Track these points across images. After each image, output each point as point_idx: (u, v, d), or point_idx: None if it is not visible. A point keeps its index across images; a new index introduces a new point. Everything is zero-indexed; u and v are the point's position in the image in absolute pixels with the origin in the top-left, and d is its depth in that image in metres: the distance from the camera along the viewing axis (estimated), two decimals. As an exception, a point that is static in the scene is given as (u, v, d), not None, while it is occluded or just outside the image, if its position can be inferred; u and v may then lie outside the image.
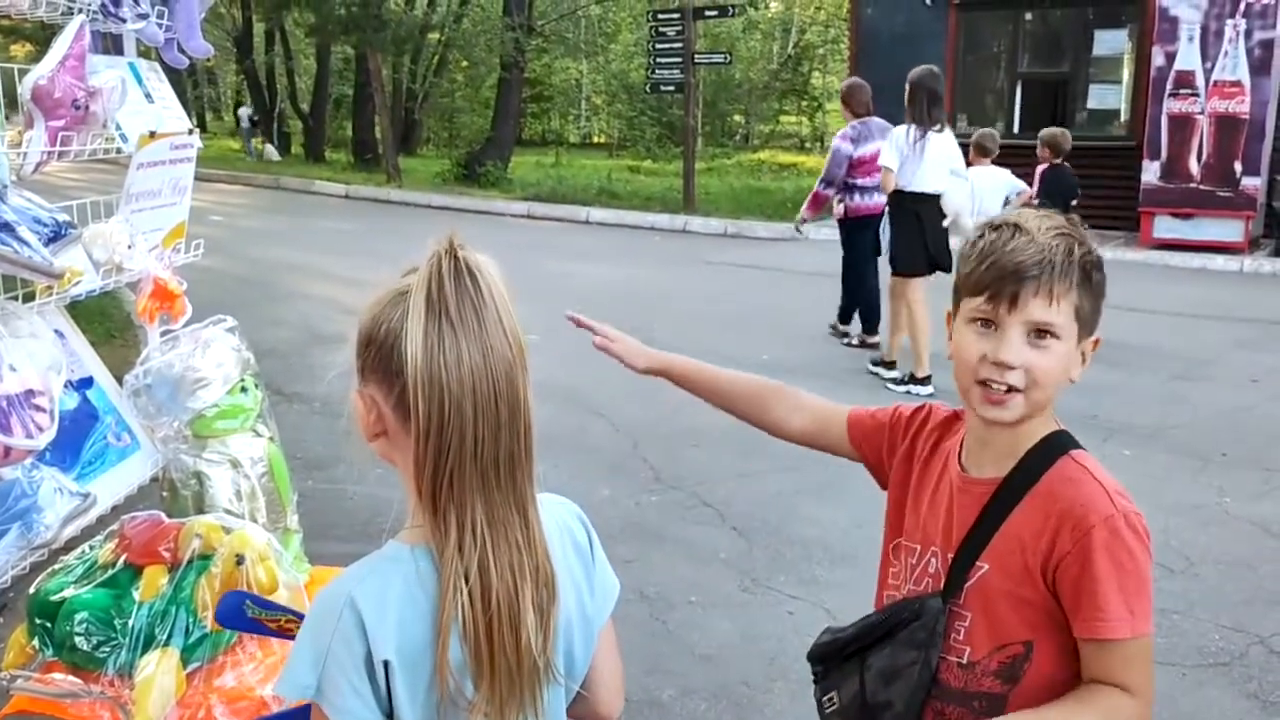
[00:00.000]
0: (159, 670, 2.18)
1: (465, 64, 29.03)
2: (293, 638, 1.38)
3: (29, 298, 2.15)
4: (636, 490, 4.77)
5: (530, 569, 1.20)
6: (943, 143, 6.36)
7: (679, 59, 15.08)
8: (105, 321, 6.96)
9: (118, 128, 2.48)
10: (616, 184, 19.12)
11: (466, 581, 1.16)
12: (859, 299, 7.68)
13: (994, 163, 7.46)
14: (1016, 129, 14.23)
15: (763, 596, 3.76)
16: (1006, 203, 7.39)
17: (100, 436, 2.49)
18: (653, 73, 15.65)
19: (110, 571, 2.34)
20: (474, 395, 1.15)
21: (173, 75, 3.19)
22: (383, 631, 1.15)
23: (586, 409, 5.87)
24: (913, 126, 6.34)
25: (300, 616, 1.46)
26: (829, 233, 7.97)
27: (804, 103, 35.47)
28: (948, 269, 6.37)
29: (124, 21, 2.43)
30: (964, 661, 1.42)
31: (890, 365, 6.69)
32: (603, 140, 37.49)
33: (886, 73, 14.24)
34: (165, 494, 2.63)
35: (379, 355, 1.19)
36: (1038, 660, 1.38)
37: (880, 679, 1.46)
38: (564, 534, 1.31)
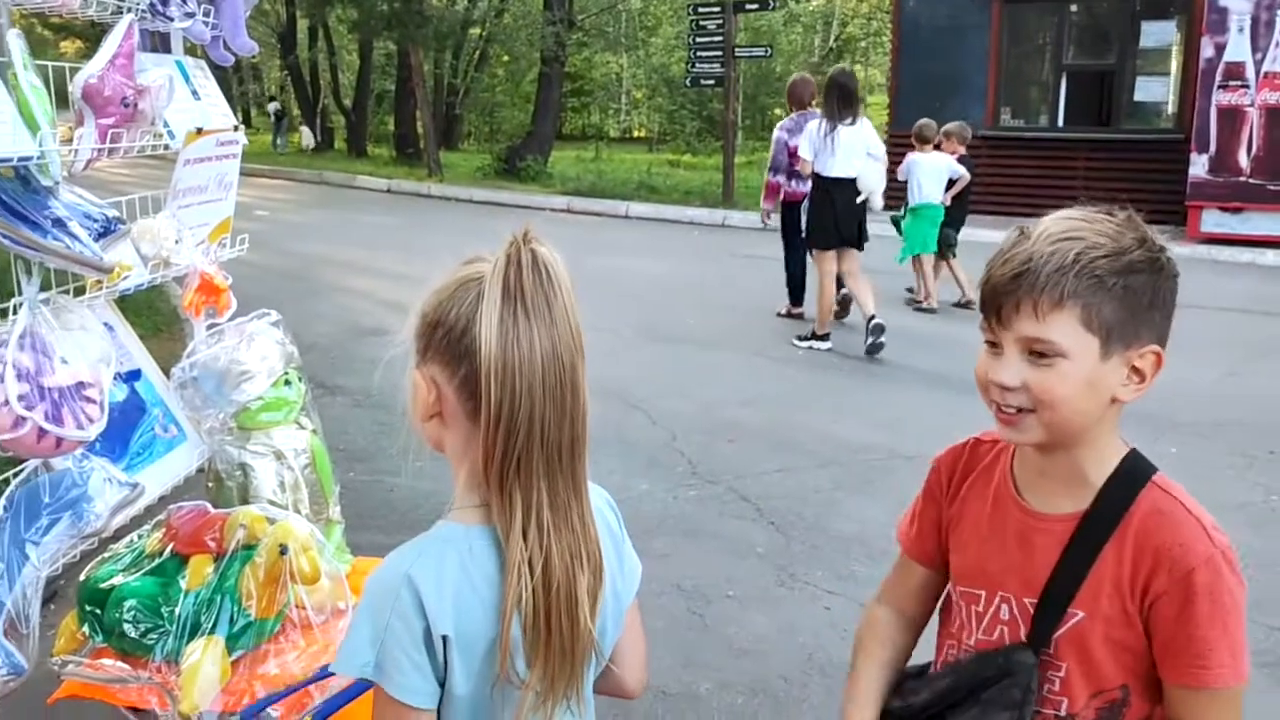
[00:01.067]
0: (204, 657, 2.22)
1: (506, 59, 29.13)
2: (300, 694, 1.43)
3: (80, 292, 2.20)
4: (674, 484, 4.77)
5: (585, 554, 1.25)
6: (855, 132, 7.23)
7: (719, 53, 15.05)
8: (153, 315, 7.07)
9: (165, 125, 2.52)
10: (656, 178, 19.13)
11: (530, 565, 1.20)
12: (789, 273, 8.39)
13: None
14: (1061, 122, 14.08)
15: (800, 591, 3.75)
16: (950, 185, 8.70)
17: (148, 428, 2.54)
18: (693, 66, 15.62)
19: (157, 560, 2.39)
20: (543, 382, 1.19)
21: (218, 72, 3.24)
22: (441, 607, 1.18)
23: (625, 402, 5.88)
24: (824, 120, 7.24)
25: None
26: (875, 228, 8.07)
27: (846, 96, 35.24)
28: (856, 243, 7.42)
29: (171, 20, 2.47)
30: (1061, 714, 1.34)
31: (822, 336, 7.42)
32: (643, 134, 37.47)
33: (930, 66, 14.19)
34: (211, 485, 2.67)
35: (447, 337, 1.23)
36: (1135, 703, 1.32)
37: None
38: (601, 518, 1.34)
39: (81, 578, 2.46)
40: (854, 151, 7.20)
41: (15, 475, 2.06)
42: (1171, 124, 13.18)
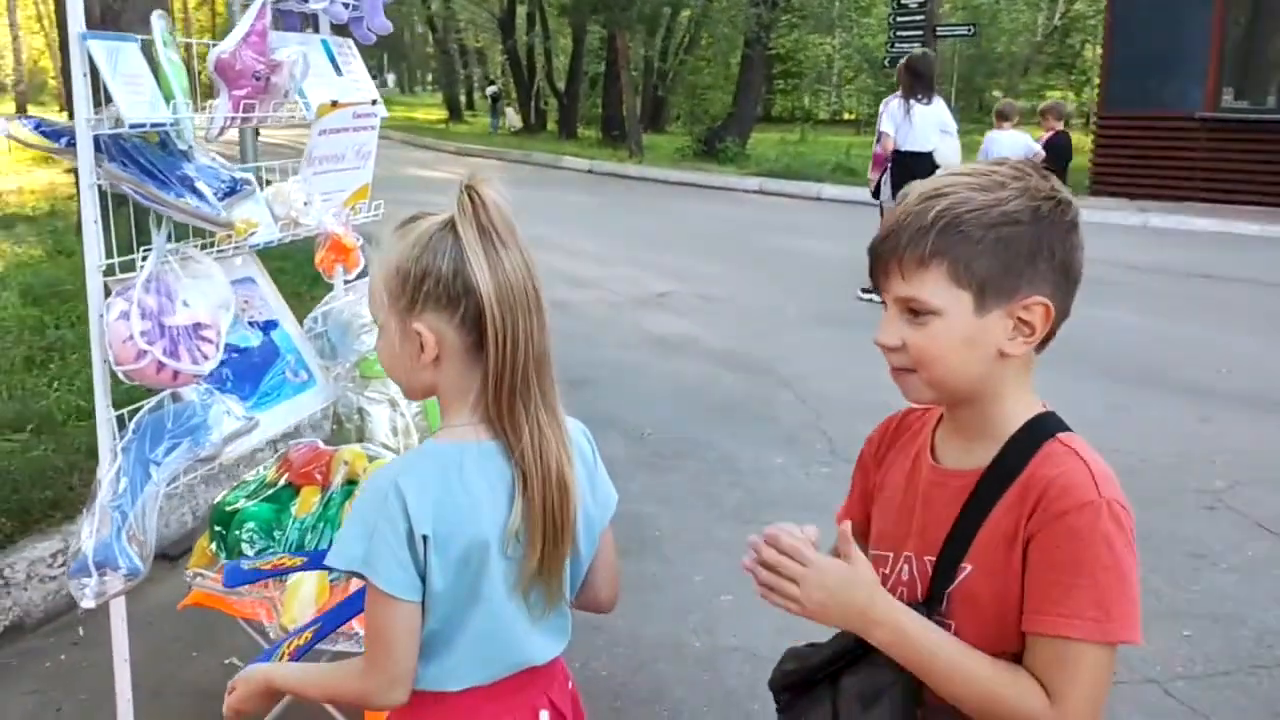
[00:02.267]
0: (304, 577, 2.47)
1: (710, 41, 29.27)
2: (289, 571, 1.61)
3: (211, 245, 2.48)
4: (809, 461, 4.80)
5: (565, 444, 1.44)
6: (930, 110, 8.14)
7: (919, 32, 14.67)
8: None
9: (302, 95, 2.77)
10: (856, 160, 18.81)
11: (539, 462, 1.39)
12: None
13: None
14: (1294, 104, 13.00)
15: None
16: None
17: (279, 372, 2.81)
18: (892, 46, 15.31)
19: (274, 489, 2.67)
20: (525, 300, 1.37)
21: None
22: (422, 511, 1.34)
23: (776, 380, 5.93)
24: (901, 100, 8.14)
25: (285, 554, 1.66)
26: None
27: (1072, 76, 33.51)
28: None
29: (305, 2, 2.72)
30: None
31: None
32: (853, 117, 36.84)
33: (1145, 44, 13.36)
34: (334, 426, 2.94)
35: (440, 284, 1.37)
36: None
37: (858, 703, 1.30)
38: (576, 447, 1.49)
39: (214, 501, 2.78)
40: (929, 127, 8.08)
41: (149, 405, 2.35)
42: None
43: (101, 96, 2.13)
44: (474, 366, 1.40)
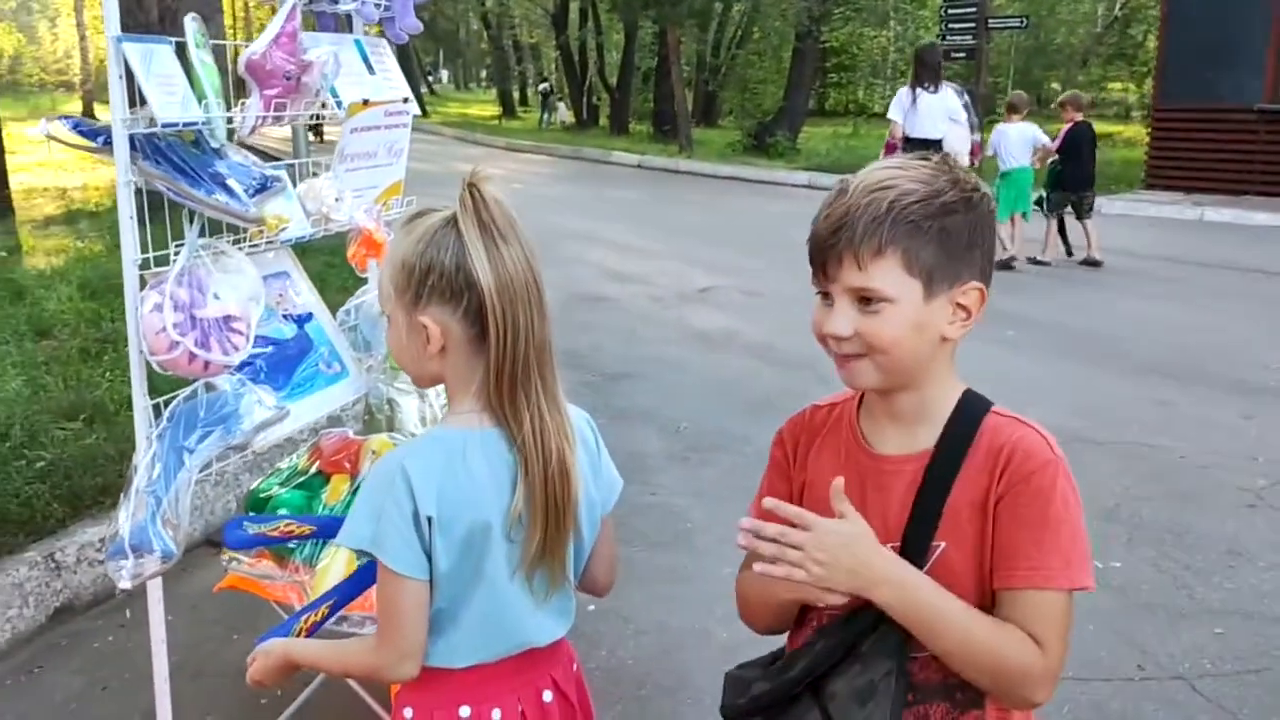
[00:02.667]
0: (333, 563, 2.54)
1: (760, 36, 29.15)
2: (295, 538, 1.67)
3: (244, 240, 2.56)
4: (844, 455, 4.79)
5: (569, 432, 1.50)
6: (936, 99, 8.72)
7: (972, 24, 14.51)
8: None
9: (334, 94, 2.84)
10: (908, 154, 18.67)
11: (540, 449, 1.45)
12: None
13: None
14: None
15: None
16: (1034, 152, 9.62)
17: (312, 364, 2.89)
18: (944, 39, 15.15)
19: (305, 477, 2.75)
20: (525, 292, 1.43)
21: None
22: (427, 493, 1.41)
23: (815, 375, 5.92)
24: (908, 89, 8.84)
25: (294, 520, 1.71)
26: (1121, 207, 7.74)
27: (1133, 68, 32.86)
28: None
29: (337, 4, 2.79)
30: None
31: None
32: (907, 110, 36.45)
33: (1201, 35, 13.08)
34: (366, 417, 3.02)
35: (443, 278, 1.43)
36: None
37: (854, 701, 1.30)
38: (580, 434, 1.56)
39: (250, 487, 2.87)
40: (936, 115, 8.71)
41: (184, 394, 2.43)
42: None
43: (136, 97, 2.22)
44: (477, 357, 1.46)
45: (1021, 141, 9.58)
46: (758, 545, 1.30)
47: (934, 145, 8.19)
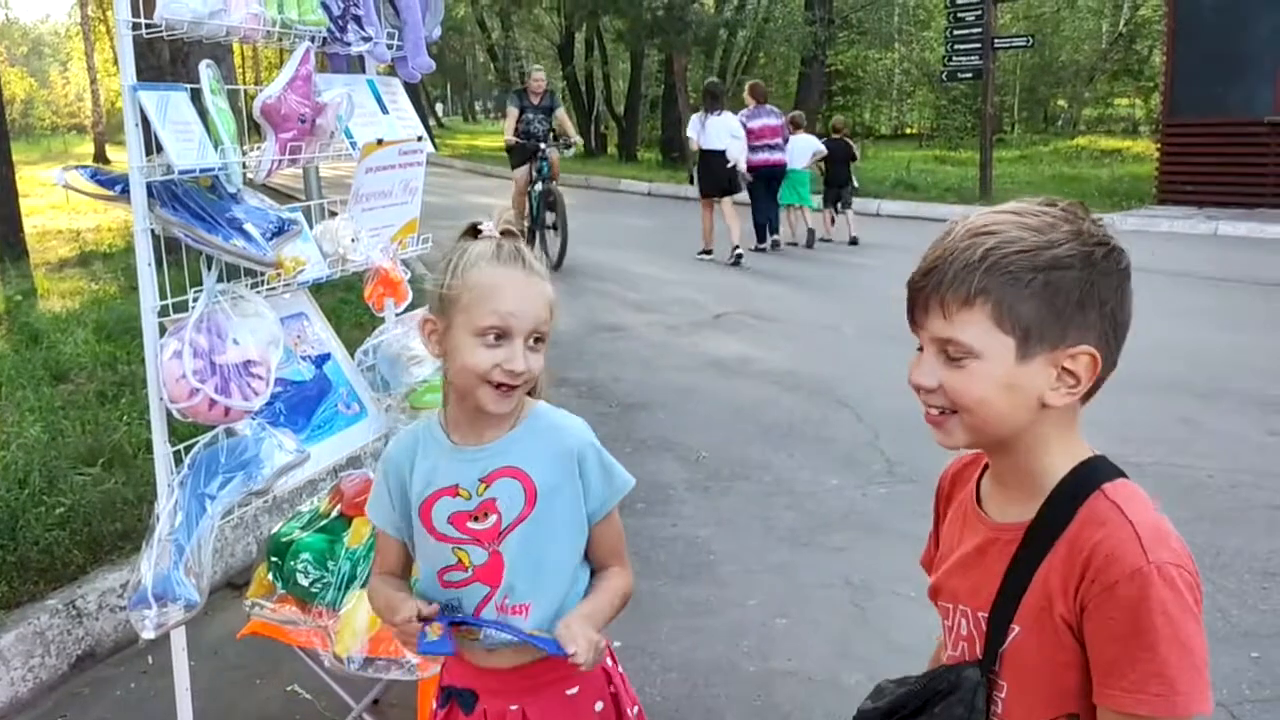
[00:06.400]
0: (357, 608, 2.52)
1: (767, 60, 29.24)
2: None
3: (261, 284, 2.55)
4: (866, 481, 4.76)
5: None
6: (720, 121, 11.21)
7: (978, 45, 14.54)
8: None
9: (348, 135, 2.84)
10: (916, 175, 18.70)
11: None
12: (755, 221, 12.12)
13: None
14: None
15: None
16: (813, 157, 12.51)
17: (331, 405, 2.87)
18: (949, 60, 15.18)
19: (327, 520, 2.73)
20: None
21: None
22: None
23: (834, 400, 5.90)
24: (701, 113, 11.38)
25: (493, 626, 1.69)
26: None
27: (1140, 83, 32.88)
28: (730, 192, 11.35)
29: (349, 45, 2.80)
30: None
31: (708, 251, 11.58)
32: (915, 131, 36.55)
33: (1209, 48, 13.05)
34: (386, 457, 2.99)
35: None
36: None
37: None
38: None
39: (271, 530, 2.85)
40: (721, 133, 11.12)
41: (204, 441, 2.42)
42: None
43: (153, 143, 2.22)
44: None
45: (802, 150, 12.29)
46: None
47: (720, 155, 11.00)
